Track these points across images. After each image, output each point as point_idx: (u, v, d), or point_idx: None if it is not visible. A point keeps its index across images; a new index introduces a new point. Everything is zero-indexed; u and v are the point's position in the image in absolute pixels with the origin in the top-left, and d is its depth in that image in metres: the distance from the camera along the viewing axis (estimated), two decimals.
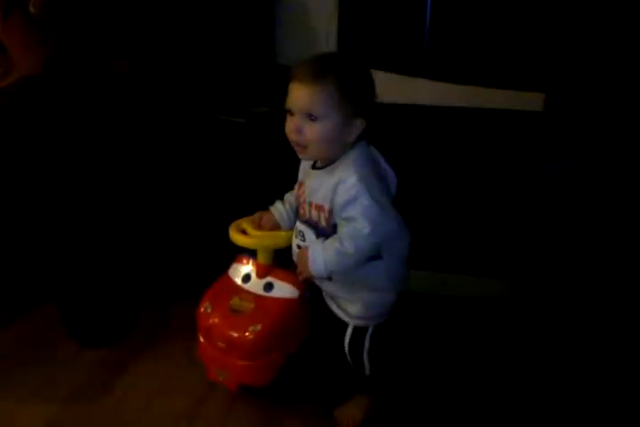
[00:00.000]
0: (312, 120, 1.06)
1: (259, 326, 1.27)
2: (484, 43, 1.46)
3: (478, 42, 1.47)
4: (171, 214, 1.77)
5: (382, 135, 1.25)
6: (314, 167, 1.19)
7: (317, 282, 1.27)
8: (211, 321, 1.32)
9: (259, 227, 1.34)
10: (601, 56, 1.41)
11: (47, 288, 1.61)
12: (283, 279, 1.34)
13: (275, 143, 1.27)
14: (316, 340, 1.41)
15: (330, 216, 1.13)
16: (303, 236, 1.20)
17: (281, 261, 1.36)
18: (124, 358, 1.48)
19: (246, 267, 1.39)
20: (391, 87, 1.61)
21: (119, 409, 1.32)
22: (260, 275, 1.36)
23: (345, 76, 1.06)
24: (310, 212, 1.17)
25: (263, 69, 1.76)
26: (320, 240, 1.15)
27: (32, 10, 1.38)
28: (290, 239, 1.32)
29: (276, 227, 1.33)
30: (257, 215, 1.34)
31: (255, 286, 1.35)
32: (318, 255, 1.12)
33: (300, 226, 1.22)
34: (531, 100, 1.60)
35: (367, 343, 1.24)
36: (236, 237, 1.34)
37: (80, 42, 1.47)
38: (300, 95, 1.06)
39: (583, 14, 1.39)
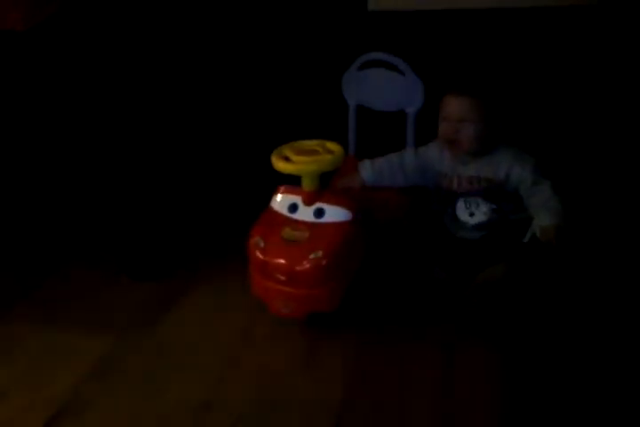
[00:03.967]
0: (465, 123, 1.31)
1: (320, 253, 1.23)
2: None
3: None
4: (209, 152, 1.76)
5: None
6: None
7: None
8: (266, 255, 1.27)
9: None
10: None
11: (98, 227, 1.68)
12: (333, 203, 1.29)
13: None
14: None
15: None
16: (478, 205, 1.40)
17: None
18: (174, 293, 1.48)
19: (290, 196, 1.33)
20: None
21: (172, 340, 1.33)
22: (308, 202, 1.31)
23: (485, 94, 1.33)
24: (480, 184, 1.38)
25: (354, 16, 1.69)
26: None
27: None
28: (335, 163, 1.30)
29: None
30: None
31: (305, 213, 1.31)
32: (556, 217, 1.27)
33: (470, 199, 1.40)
34: None
35: None
36: (280, 165, 1.28)
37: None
38: (455, 106, 1.32)
39: None
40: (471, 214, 1.40)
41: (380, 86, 1.53)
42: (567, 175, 1.50)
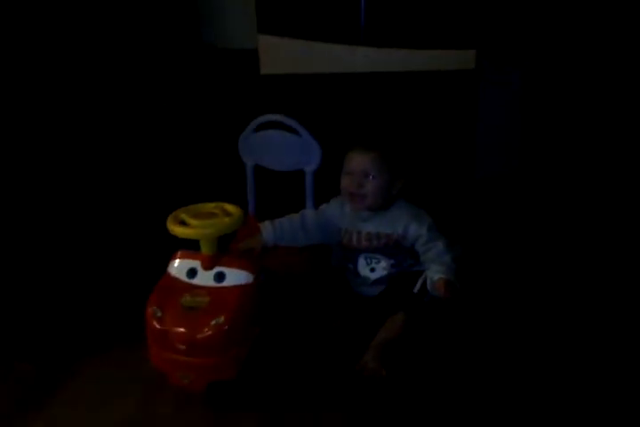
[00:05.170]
0: (369, 178, 1.36)
1: (221, 319, 1.19)
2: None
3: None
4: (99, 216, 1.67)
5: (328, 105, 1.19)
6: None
7: None
8: (165, 325, 1.21)
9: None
10: None
11: None
12: (233, 266, 1.26)
13: None
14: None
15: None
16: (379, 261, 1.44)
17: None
18: (62, 370, 1.36)
19: (188, 261, 1.29)
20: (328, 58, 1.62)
21: (62, 422, 1.22)
22: (208, 266, 1.27)
23: (388, 149, 1.40)
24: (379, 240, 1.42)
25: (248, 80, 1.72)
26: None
27: None
28: (233, 225, 1.27)
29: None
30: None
31: (204, 278, 1.26)
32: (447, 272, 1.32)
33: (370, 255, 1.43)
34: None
35: None
36: (176, 229, 1.24)
37: None
38: (359, 160, 1.37)
39: None
40: (372, 270, 1.43)
41: (277, 147, 1.55)
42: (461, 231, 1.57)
